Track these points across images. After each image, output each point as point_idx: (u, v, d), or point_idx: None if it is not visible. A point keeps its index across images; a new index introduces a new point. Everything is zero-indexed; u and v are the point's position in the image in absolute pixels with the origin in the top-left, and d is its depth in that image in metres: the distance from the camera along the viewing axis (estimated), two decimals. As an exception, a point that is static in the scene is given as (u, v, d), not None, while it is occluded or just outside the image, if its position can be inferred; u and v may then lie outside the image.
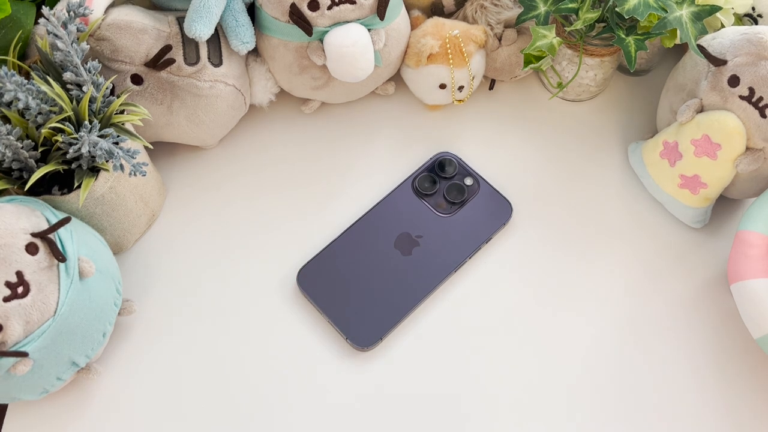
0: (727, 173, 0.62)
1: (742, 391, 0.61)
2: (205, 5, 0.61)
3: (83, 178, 0.57)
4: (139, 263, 0.66)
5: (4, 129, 0.54)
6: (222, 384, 0.61)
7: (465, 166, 0.70)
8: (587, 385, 0.61)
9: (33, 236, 0.53)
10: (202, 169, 0.71)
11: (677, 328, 0.63)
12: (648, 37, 0.63)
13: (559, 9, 0.64)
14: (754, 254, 0.57)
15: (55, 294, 0.52)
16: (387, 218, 0.67)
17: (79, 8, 0.56)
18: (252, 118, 0.73)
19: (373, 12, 0.65)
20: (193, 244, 0.67)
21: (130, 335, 0.63)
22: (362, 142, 0.73)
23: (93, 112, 0.58)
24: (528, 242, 0.67)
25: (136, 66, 0.62)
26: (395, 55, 0.69)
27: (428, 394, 0.61)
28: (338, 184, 0.71)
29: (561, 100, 0.76)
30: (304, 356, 0.62)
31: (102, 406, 0.60)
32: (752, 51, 0.59)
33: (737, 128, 0.60)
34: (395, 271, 0.64)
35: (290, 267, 0.66)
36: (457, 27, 0.69)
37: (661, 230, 0.68)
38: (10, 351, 0.50)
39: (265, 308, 0.64)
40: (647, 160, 0.68)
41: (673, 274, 0.66)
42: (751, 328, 0.57)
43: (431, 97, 0.72)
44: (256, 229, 0.68)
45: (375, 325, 0.62)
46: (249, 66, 0.69)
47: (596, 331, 0.63)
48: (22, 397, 0.55)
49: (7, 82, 0.53)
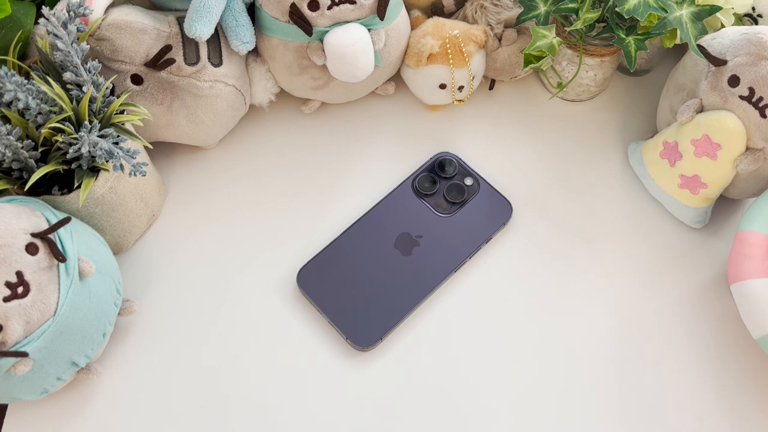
0: (727, 173, 0.62)
1: (742, 391, 0.61)
2: (205, 5, 0.61)
3: (83, 178, 0.57)
4: (139, 263, 0.66)
5: (4, 129, 0.54)
6: (222, 384, 0.61)
7: (465, 166, 0.70)
8: (587, 384, 0.61)
9: (33, 236, 0.53)
10: (202, 169, 0.71)
11: (677, 328, 0.63)
12: (648, 37, 0.63)
13: (559, 9, 0.64)
14: (754, 254, 0.57)
15: (55, 294, 0.52)
16: (387, 218, 0.67)
17: (79, 8, 0.56)
18: (252, 118, 0.73)
19: (373, 12, 0.65)
20: (193, 244, 0.67)
21: (130, 335, 0.63)
22: (362, 142, 0.73)
23: (93, 112, 0.58)
24: (528, 242, 0.67)
25: (136, 66, 0.62)
26: (395, 55, 0.69)
27: (428, 394, 0.61)
28: (338, 184, 0.71)
29: (561, 100, 0.76)
30: (303, 356, 0.62)
31: (102, 406, 0.60)
32: (752, 51, 0.58)
33: (737, 128, 0.59)
34: (395, 271, 0.64)
35: (290, 267, 0.66)
36: (457, 27, 0.69)
37: (661, 230, 0.68)
38: (10, 351, 0.50)
39: (265, 308, 0.64)
40: (647, 160, 0.68)
41: (673, 274, 0.66)
42: (751, 328, 0.57)
43: (431, 97, 0.72)
44: (256, 229, 0.68)
45: (375, 325, 0.62)
46: (249, 66, 0.69)
47: (596, 331, 0.63)
48: (22, 397, 0.55)
49: (7, 82, 0.53)
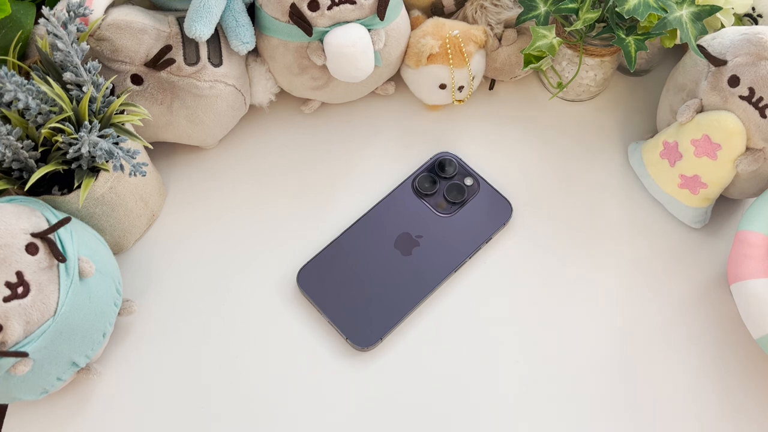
0: (727, 173, 0.62)
1: (742, 391, 0.61)
2: (205, 5, 0.61)
3: (83, 178, 0.57)
4: (139, 263, 0.66)
5: (4, 129, 0.54)
6: (221, 384, 0.61)
7: (465, 166, 0.70)
8: (587, 384, 0.61)
9: (33, 236, 0.53)
10: (202, 169, 0.71)
11: (677, 328, 0.63)
12: (648, 37, 0.63)
13: (559, 9, 0.64)
14: (754, 254, 0.57)
15: (55, 294, 0.52)
16: (387, 218, 0.67)
17: (79, 8, 0.56)
18: (252, 118, 0.73)
19: (373, 12, 0.65)
20: (193, 244, 0.67)
21: (130, 335, 0.63)
22: (362, 142, 0.73)
23: (93, 112, 0.58)
24: (528, 242, 0.67)
25: (136, 66, 0.62)
26: (395, 55, 0.69)
27: (428, 394, 0.61)
28: (338, 184, 0.71)
29: (561, 100, 0.76)
30: (303, 356, 0.62)
31: (102, 406, 0.60)
32: (752, 51, 0.58)
33: (737, 128, 0.59)
34: (395, 271, 0.64)
35: (290, 267, 0.66)
36: (457, 27, 0.69)
37: (661, 230, 0.68)
38: (10, 351, 0.50)
39: (265, 308, 0.64)
40: (647, 160, 0.68)
41: (673, 274, 0.66)
42: (751, 328, 0.57)
43: (431, 97, 0.72)
44: (256, 229, 0.68)
45: (375, 325, 0.62)
46: (249, 66, 0.69)
47: (596, 331, 0.63)
48: (22, 397, 0.55)
49: (7, 82, 0.53)
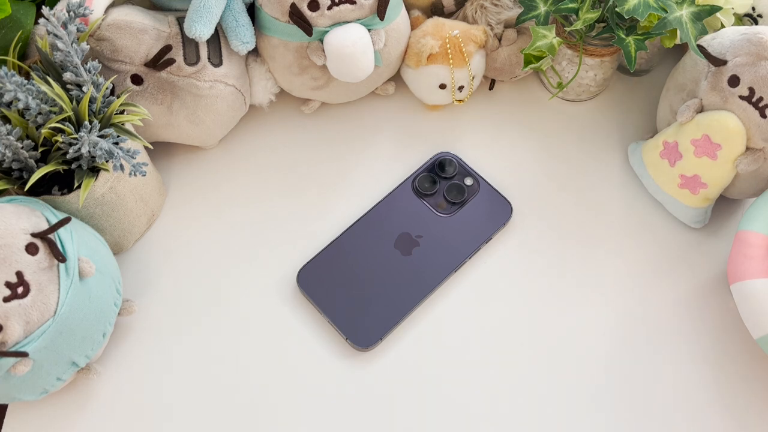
0: (727, 173, 0.62)
1: (742, 390, 0.61)
2: (205, 5, 0.61)
3: (83, 178, 0.57)
4: (139, 263, 0.66)
5: (4, 129, 0.54)
6: (222, 384, 0.61)
7: (465, 166, 0.70)
8: (587, 384, 0.61)
9: (33, 236, 0.53)
10: (202, 169, 0.71)
11: (677, 327, 0.63)
12: (648, 37, 0.63)
13: (559, 9, 0.64)
14: (754, 254, 0.57)
15: (55, 294, 0.52)
16: (387, 218, 0.67)
17: (79, 8, 0.56)
18: (252, 118, 0.73)
19: (373, 12, 0.65)
20: (193, 244, 0.67)
21: (130, 335, 0.63)
22: (362, 142, 0.73)
23: (93, 112, 0.58)
24: (528, 242, 0.67)
25: (136, 66, 0.62)
26: (395, 55, 0.69)
27: (428, 394, 0.61)
28: (338, 184, 0.71)
29: (561, 100, 0.76)
30: (303, 356, 0.62)
31: (102, 406, 0.60)
32: (752, 51, 0.58)
33: (737, 128, 0.59)
34: (395, 271, 0.64)
35: (290, 267, 0.66)
36: (457, 27, 0.69)
37: (661, 230, 0.68)
38: (10, 351, 0.50)
39: (265, 308, 0.64)
40: (647, 160, 0.68)
41: (673, 274, 0.66)
42: (751, 328, 0.57)
43: (431, 97, 0.72)
44: (256, 229, 0.68)
45: (375, 325, 0.62)
46: (249, 66, 0.69)
47: (596, 331, 0.63)
48: (22, 397, 0.55)
49: (7, 82, 0.53)
